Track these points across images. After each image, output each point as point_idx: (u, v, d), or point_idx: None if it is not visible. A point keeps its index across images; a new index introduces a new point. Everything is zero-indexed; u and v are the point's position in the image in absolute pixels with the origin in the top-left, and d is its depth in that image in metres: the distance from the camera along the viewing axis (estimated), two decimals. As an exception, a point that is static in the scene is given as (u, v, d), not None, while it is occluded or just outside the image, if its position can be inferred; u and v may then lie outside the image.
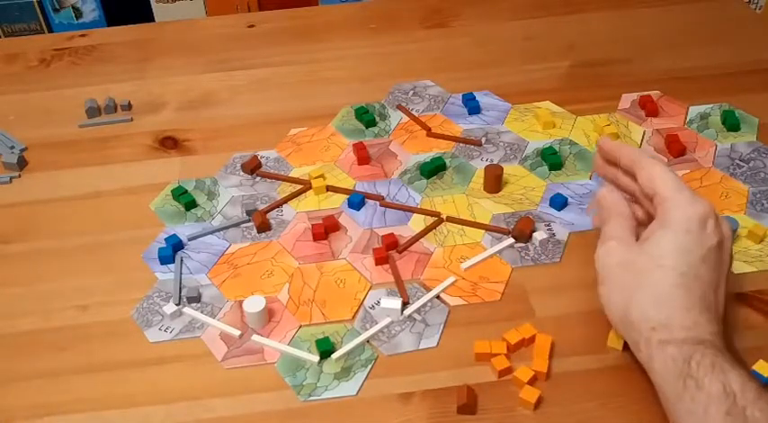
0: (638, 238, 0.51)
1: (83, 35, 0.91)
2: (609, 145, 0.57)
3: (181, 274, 0.60)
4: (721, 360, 0.44)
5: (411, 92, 0.80)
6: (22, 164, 0.72)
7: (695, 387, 0.44)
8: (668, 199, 0.50)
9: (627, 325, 0.49)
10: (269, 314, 0.56)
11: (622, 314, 0.49)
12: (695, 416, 0.43)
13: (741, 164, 0.69)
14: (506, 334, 0.53)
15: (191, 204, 0.66)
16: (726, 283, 0.50)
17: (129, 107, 0.79)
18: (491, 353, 0.52)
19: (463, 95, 0.78)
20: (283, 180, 0.69)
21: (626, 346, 0.52)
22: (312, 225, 0.63)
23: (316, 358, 0.53)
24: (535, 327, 0.55)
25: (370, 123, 0.75)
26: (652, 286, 0.48)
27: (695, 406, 0.44)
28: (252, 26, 0.92)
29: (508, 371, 0.52)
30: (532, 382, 0.51)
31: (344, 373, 0.53)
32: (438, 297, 0.58)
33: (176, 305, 0.57)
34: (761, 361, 0.51)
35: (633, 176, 0.54)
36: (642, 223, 0.53)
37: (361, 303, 0.58)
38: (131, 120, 0.77)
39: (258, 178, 0.70)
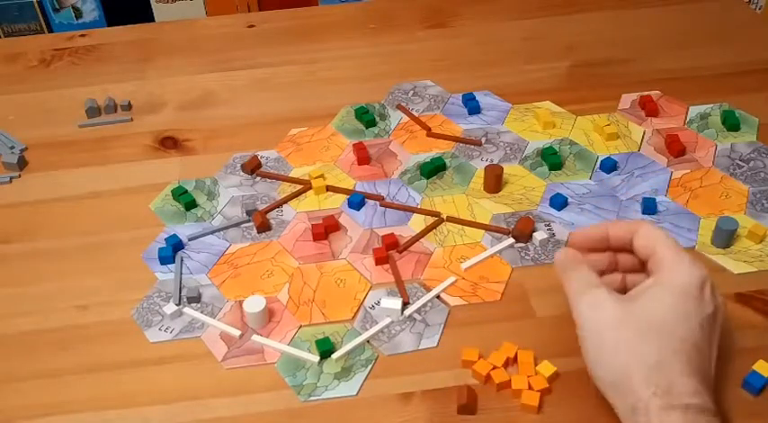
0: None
1: (83, 35, 0.91)
2: (587, 231, 0.54)
3: (181, 274, 0.60)
4: None
5: (411, 92, 0.80)
6: (22, 164, 0.72)
7: None
8: (668, 259, 0.49)
9: (622, 389, 0.46)
10: (269, 314, 0.56)
11: (616, 378, 0.46)
12: None
13: (741, 164, 0.69)
14: (490, 357, 0.52)
15: (191, 204, 0.66)
16: (717, 356, 0.48)
17: (129, 107, 0.79)
18: (473, 361, 0.52)
19: (463, 95, 0.78)
20: (283, 180, 0.69)
21: None
22: (312, 225, 0.63)
23: (316, 358, 0.53)
24: (534, 327, 0.55)
25: (370, 123, 0.75)
26: (653, 351, 0.46)
27: None
28: (252, 26, 0.92)
29: (507, 385, 0.51)
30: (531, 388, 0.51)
31: (344, 373, 0.53)
32: (438, 297, 0.58)
33: (176, 305, 0.57)
34: (761, 361, 0.51)
35: (621, 249, 0.52)
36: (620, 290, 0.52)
37: (362, 303, 0.57)
38: (131, 120, 0.77)
39: (258, 178, 0.69)
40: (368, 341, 0.55)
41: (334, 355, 0.53)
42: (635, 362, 0.46)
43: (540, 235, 0.62)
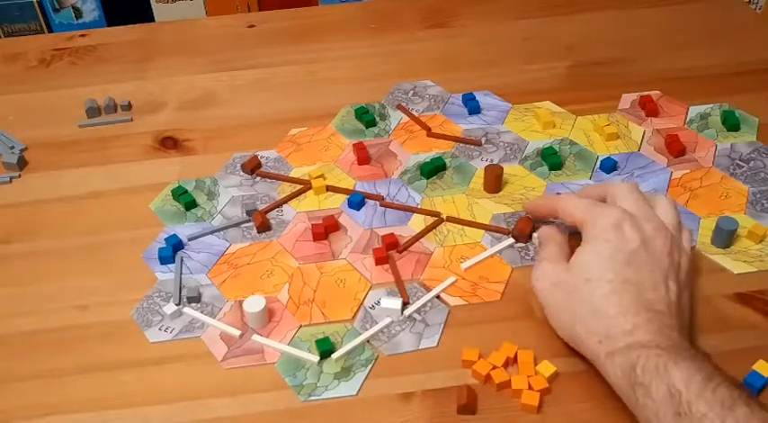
0: None
1: (83, 35, 0.91)
2: (529, 206, 0.61)
3: (181, 274, 0.60)
4: (665, 358, 0.44)
5: (411, 92, 0.80)
6: (22, 164, 0.72)
7: (644, 394, 0.44)
8: (584, 220, 0.53)
9: (578, 343, 0.50)
10: (269, 314, 0.56)
11: (570, 334, 0.51)
12: (650, 422, 0.44)
13: (741, 164, 0.69)
14: (490, 357, 0.53)
15: (191, 204, 0.66)
16: (674, 273, 0.51)
17: (129, 107, 0.79)
18: (473, 361, 0.52)
19: (463, 95, 0.78)
20: (283, 180, 0.69)
21: None
22: (312, 225, 0.63)
23: (316, 358, 0.53)
24: (535, 327, 0.55)
25: (370, 123, 0.75)
26: (586, 301, 0.49)
27: (648, 413, 0.44)
28: (252, 26, 0.92)
29: (507, 385, 0.51)
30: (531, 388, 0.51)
31: (344, 373, 0.53)
32: (438, 297, 0.58)
33: (176, 305, 0.57)
34: (761, 361, 0.51)
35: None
36: None
37: (361, 303, 0.57)
38: (131, 120, 0.77)
39: (258, 178, 0.69)
40: (368, 341, 0.55)
41: (334, 355, 0.53)
42: (576, 317, 0.49)
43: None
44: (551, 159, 0.69)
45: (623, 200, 0.54)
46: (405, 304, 0.57)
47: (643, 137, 0.72)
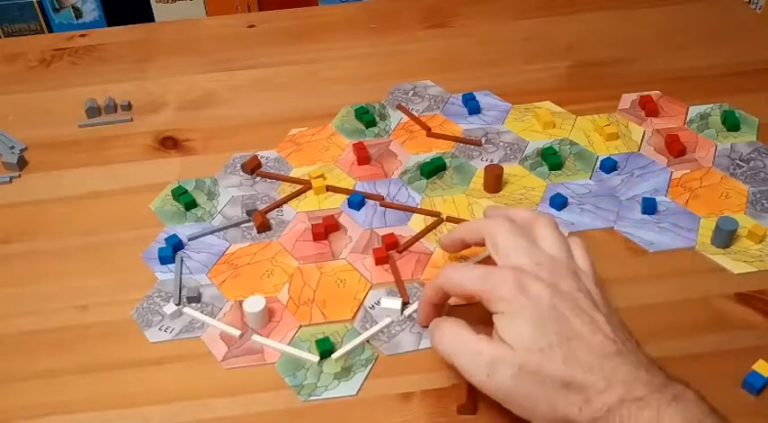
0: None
1: (83, 35, 0.91)
2: (423, 320, 0.54)
3: (181, 274, 0.60)
4: (648, 414, 0.41)
5: (411, 92, 0.80)
6: (22, 164, 0.72)
7: None
8: (482, 296, 0.48)
9: (563, 420, 0.45)
10: (269, 314, 0.56)
11: (553, 416, 0.45)
12: None
13: (741, 164, 0.69)
14: None
15: (191, 204, 0.66)
16: (591, 303, 0.47)
17: (129, 107, 0.79)
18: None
19: (463, 95, 0.78)
20: (283, 180, 0.69)
21: None
22: (312, 225, 0.63)
23: (316, 358, 0.53)
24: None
25: (370, 123, 0.75)
26: (551, 374, 0.44)
27: None
28: (252, 26, 0.92)
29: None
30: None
31: (344, 373, 0.53)
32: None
33: (176, 305, 0.57)
34: (761, 361, 0.51)
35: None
36: None
37: (361, 303, 0.57)
38: (131, 120, 0.77)
39: (258, 178, 0.70)
40: (368, 341, 0.55)
41: (334, 355, 0.53)
42: (551, 396, 0.44)
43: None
44: (551, 159, 0.69)
45: (504, 245, 0.50)
46: (405, 304, 0.57)
47: (643, 137, 0.72)
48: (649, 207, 0.64)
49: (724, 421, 0.42)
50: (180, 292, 0.59)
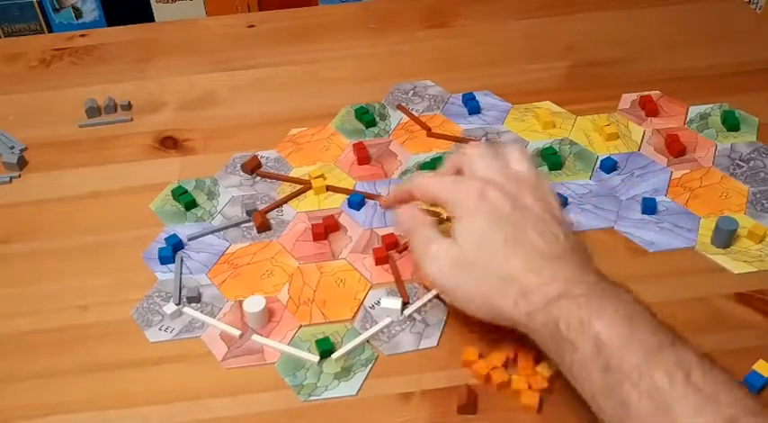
0: None
1: (83, 35, 0.91)
2: (385, 203, 0.60)
3: (181, 274, 0.60)
4: (587, 311, 0.43)
5: (411, 92, 0.80)
6: (22, 164, 0.72)
7: (572, 350, 0.43)
8: (446, 200, 0.52)
9: (497, 315, 0.48)
10: (269, 314, 0.56)
11: (486, 309, 0.49)
12: (578, 380, 0.43)
13: (741, 164, 0.69)
14: (490, 357, 0.52)
15: (191, 204, 0.66)
16: (551, 217, 0.50)
17: (129, 107, 0.79)
18: (473, 361, 0.52)
19: (463, 95, 0.78)
20: (283, 180, 0.69)
21: None
22: (312, 225, 0.63)
23: (316, 358, 0.53)
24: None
25: (370, 123, 0.75)
26: (491, 269, 0.48)
27: (576, 370, 0.43)
28: (252, 26, 0.92)
29: (507, 384, 0.51)
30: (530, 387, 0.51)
31: (344, 373, 0.53)
32: (438, 297, 0.58)
33: (176, 305, 0.57)
34: (761, 361, 0.51)
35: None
36: None
37: (361, 303, 0.57)
38: (131, 120, 0.77)
39: (258, 178, 0.70)
40: (368, 341, 0.55)
41: (334, 355, 0.53)
42: (485, 290, 0.48)
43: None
44: (551, 159, 0.69)
45: (477, 166, 0.54)
46: (405, 304, 0.57)
47: (643, 137, 0.72)
48: (649, 207, 0.64)
49: (655, 318, 0.44)
50: (180, 292, 0.59)
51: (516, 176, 0.53)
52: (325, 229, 0.63)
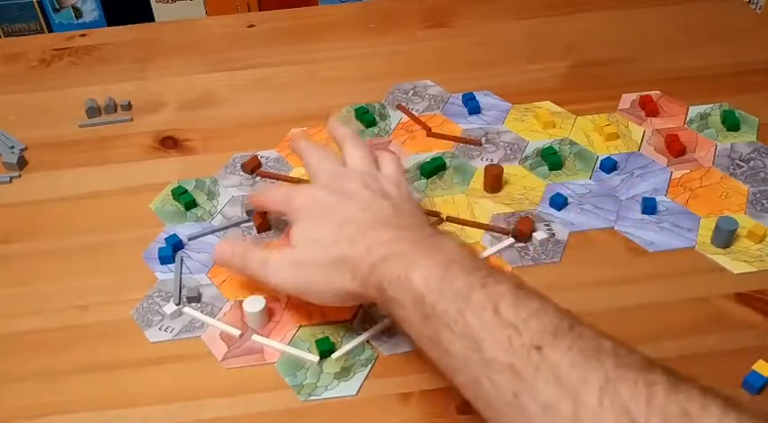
0: None
1: (83, 35, 0.91)
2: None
3: (181, 273, 0.60)
4: (405, 265, 0.44)
5: (411, 92, 0.80)
6: (22, 164, 0.72)
7: (398, 306, 0.44)
8: (285, 209, 0.56)
9: (343, 296, 0.50)
10: (269, 314, 0.56)
11: (333, 293, 0.50)
12: (410, 333, 0.45)
13: (741, 164, 0.69)
14: None
15: (191, 204, 0.66)
16: (379, 195, 0.52)
17: (129, 107, 0.79)
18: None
19: (463, 95, 0.78)
20: (283, 180, 0.69)
21: None
22: (312, 225, 0.63)
23: (316, 358, 0.53)
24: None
25: (370, 123, 0.75)
26: (323, 257, 0.50)
27: (404, 325, 0.45)
28: (252, 26, 0.92)
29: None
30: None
31: (344, 372, 0.53)
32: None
33: (176, 305, 0.57)
34: (761, 361, 0.51)
35: None
36: None
37: (362, 303, 0.57)
38: (131, 120, 0.77)
39: (258, 178, 0.69)
40: (368, 341, 0.55)
41: (334, 355, 0.53)
42: (325, 277, 0.50)
43: (539, 235, 0.62)
44: (551, 159, 0.69)
45: (311, 163, 0.58)
46: (404, 304, 0.57)
47: (643, 137, 0.72)
48: (649, 207, 0.64)
49: (474, 258, 0.44)
50: (180, 292, 0.59)
51: (346, 171, 0.56)
52: (325, 229, 0.63)
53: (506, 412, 0.38)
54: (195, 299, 0.58)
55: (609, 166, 0.68)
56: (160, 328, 0.56)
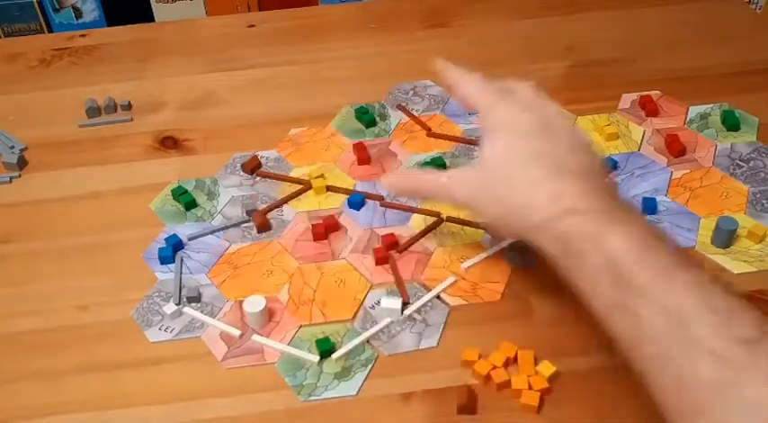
0: None
1: (83, 35, 0.91)
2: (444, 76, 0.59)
3: (181, 273, 0.60)
4: (601, 225, 0.43)
5: (411, 92, 0.80)
6: (22, 164, 0.72)
7: (581, 264, 0.43)
8: (482, 110, 0.53)
9: (515, 228, 0.49)
10: (269, 314, 0.56)
11: (505, 221, 0.49)
12: (587, 293, 0.43)
13: (741, 164, 0.69)
14: (490, 357, 0.52)
15: (191, 204, 0.66)
16: (584, 145, 0.50)
17: (129, 107, 0.79)
18: (473, 361, 0.52)
19: (463, 95, 0.78)
20: (283, 180, 0.69)
21: None
22: (312, 225, 0.63)
23: (316, 358, 0.53)
24: (535, 327, 0.55)
25: (370, 123, 0.75)
26: (507, 183, 0.48)
27: (586, 283, 0.43)
28: (252, 26, 0.92)
29: (506, 384, 0.51)
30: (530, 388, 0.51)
31: (344, 373, 0.53)
32: (438, 297, 0.58)
33: (176, 305, 0.57)
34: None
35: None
36: None
37: (361, 303, 0.57)
38: (131, 120, 0.77)
39: (258, 178, 0.69)
40: (368, 341, 0.55)
41: (334, 355, 0.53)
42: (503, 204, 0.48)
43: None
44: (551, 159, 0.69)
45: (519, 94, 0.54)
46: (405, 304, 0.57)
47: (643, 137, 0.72)
48: (649, 207, 0.64)
49: (670, 241, 0.43)
50: (180, 292, 0.59)
51: (553, 107, 0.53)
52: (326, 229, 0.63)
53: (700, 395, 0.38)
54: (195, 299, 0.58)
55: (609, 166, 0.68)
56: (160, 328, 0.56)
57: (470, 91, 0.55)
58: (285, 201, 0.67)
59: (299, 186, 0.68)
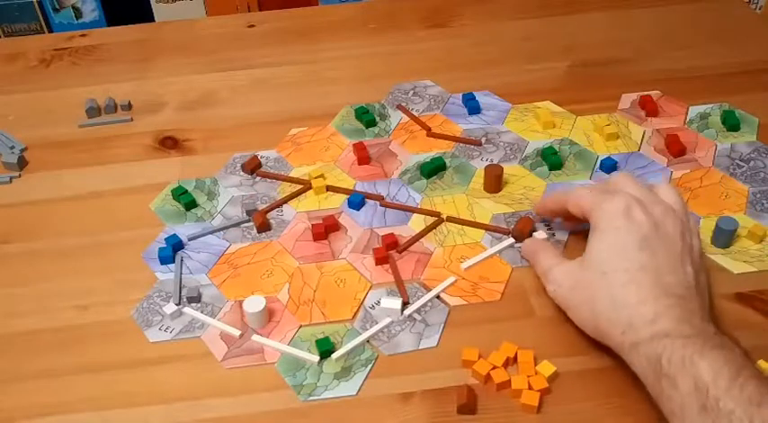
0: None
1: (83, 35, 0.91)
2: (538, 206, 0.61)
3: (181, 274, 0.60)
4: (692, 350, 0.44)
5: (411, 92, 0.80)
6: (22, 164, 0.72)
7: (670, 386, 0.44)
8: (591, 208, 0.53)
9: (603, 337, 0.50)
10: (269, 314, 0.56)
11: (594, 329, 0.50)
12: (675, 416, 0.44)
13: (741, 164, 0.69)
14: (490, 357, 0.52)
15: (191, 204, 0.66)
16: (688, 255, 0.50)
17: (129, 107, 0.79)
18: (473, 361, 0.52)
19: (463, 95, 0.78)
20: (283, 180, 0.69)
21: None
22: (312, 225, 0.63)
23: (316, 358, 0.53)
24: (535, 327, 0.55)
25: (370, 123, 0.75)
26: (605, 294, 0.49)
27: (674, 405, 0.44)
28: (252, 26, 0.92)
29: (506, 384, 0.51)
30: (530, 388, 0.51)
31: (344, 373, 0.53)
32: (438, 297, 0.58)
33: (176, 305, 0.57)
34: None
35: (572, 219, 0.57)
36: None
37: (361, 303, 0.57)
38: (131, 120, 0.77)
39: (258, 178, 0.70)
40: (368, 341, 0.55)
41: (334, 355, 0.53)
42: (596, 313, 0.49)
43: (539, 235, 0.62)
44: (551, 159, 0.69)
45: (626, 187, 0.54)
46: (405, 304, 0.57)
47: (643, 137, 0.72)
48: (649, 207, 0.64)
49: (760, 373, 0.43)
50: (180, 292, 0.59)
51: (664, 204, 0.53)
52: (326, 229, 0.63)
53: None
54: (195, 299, 0.58)
55: (609, 166, 0.68)
56: (160, 329, 0.56)
57: (580, 192, 0.55)
58: (285, 201, 0.67)
59: (299, 186, 0.68)
